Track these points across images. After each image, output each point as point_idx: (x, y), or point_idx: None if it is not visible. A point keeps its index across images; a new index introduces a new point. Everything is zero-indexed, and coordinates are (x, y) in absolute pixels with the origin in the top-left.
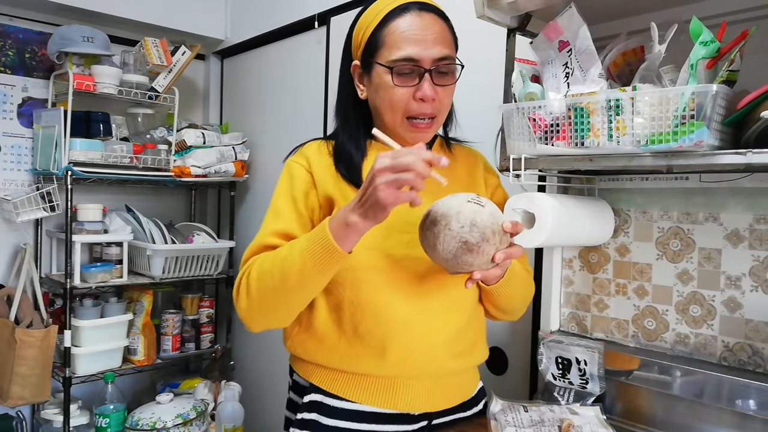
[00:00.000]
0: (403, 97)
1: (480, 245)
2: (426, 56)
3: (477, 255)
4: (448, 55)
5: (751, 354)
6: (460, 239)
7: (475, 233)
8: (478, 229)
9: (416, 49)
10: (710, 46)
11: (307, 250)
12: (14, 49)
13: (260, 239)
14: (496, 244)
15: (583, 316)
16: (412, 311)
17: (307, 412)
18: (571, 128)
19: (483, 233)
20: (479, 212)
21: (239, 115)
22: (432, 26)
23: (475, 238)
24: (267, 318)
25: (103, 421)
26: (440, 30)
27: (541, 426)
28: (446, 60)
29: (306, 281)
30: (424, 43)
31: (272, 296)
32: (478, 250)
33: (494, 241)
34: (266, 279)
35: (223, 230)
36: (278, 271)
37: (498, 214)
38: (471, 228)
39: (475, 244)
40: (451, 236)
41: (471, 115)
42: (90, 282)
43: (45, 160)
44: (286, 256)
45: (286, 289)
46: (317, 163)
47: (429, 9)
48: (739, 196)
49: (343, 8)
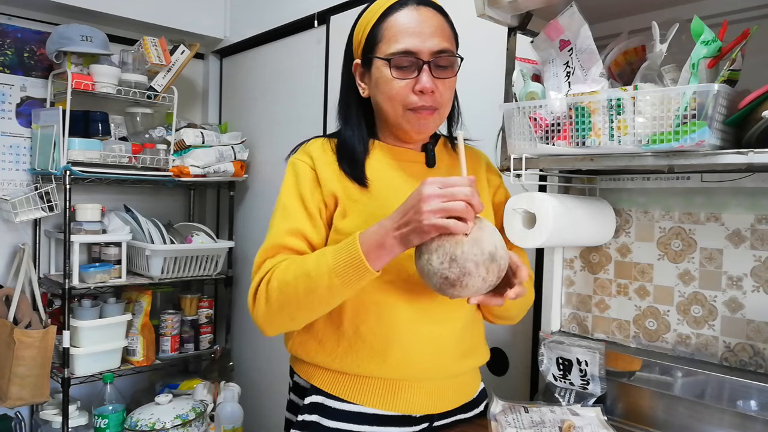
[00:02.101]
0: (402, 89)
1: (462, 279)
2: (424, 48)
3: (462, 288)
4: (446, 48)
5: (753, 354)
6: (441, 275)
7: (454, 269)
8: (457, 264)
9: (414, 41)
10: (712, 46)
11: (336, 268)
12: (13, 48)
13: (274, 239)
14: (483, 275)
15: (584, 316)
16: (414, 313)
17: (308, 414)
18: (572, 128)
19: (463, 267)
20: (459, 244)
21: (238, 115)
22: (430, 20)
23: (455, 274)
24: (285, 325)
25: (102, 422)
26: (438, 23)
27: (541, 427)
28: (444, 53)
29: (332, 296)
30: (422, 36)
31: (295, 308)
32: (461, 284)
33: (479, 272)
34: (288, 291)
35: (222, 230)
36: (303, 285)
37: (486, 241)
38: (450, 264)
39: (456, 280)
40: (432, 272)
41: (472, 115)
42: (88, 282)
43: (43, 160)
44: (312, 271)
45: (311, 303)
46: (321, 161)
47: (427, 4)
48: (740, 196)
49: (343, 7)
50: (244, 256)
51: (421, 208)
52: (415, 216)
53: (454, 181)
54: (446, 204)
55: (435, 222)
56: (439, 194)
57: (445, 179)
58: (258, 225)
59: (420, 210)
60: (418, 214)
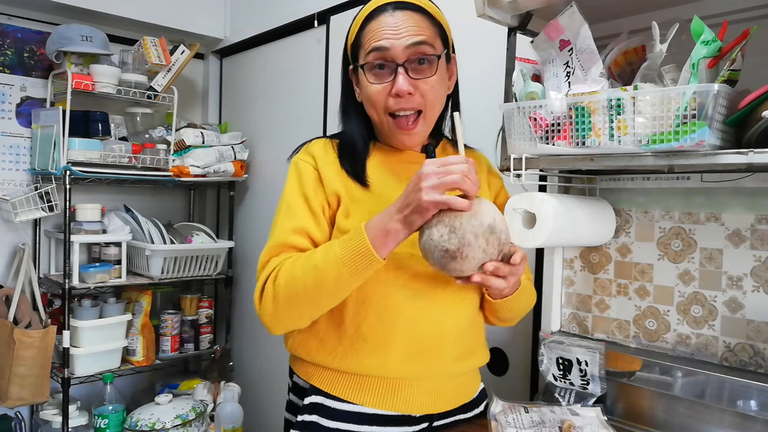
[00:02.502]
0: (379, 94)
1: (462, 250)
2: (397, 45)
3: (463, 260)
4: (420, 40)
5: (753, 354)
6: (441, 248)
7: (453, 240)
8: (456, 235)
9: (386, 41)
10: (712, 46)
11: (344, 258)
12: (13, 48)
13: (278, 238)
14: (483, 245)
15: (584, 316)
16: (415, 312)
17: (308, 414)
18: (572, 128)
19: (462, 238)
20: (458, 217)
21: (238, 115)
22: (405, 21)
23: (454, 245)
24: (293, 322)
25: (102, 422)
26: (414, 22)
27: (541, 427)
28: (421, 45)
29: (341, 288)
30: (394, 36)
31: (303, 302)
32: (462, 255)
33: (479, 242)
34: (296, 286)
35: (222, 230)
36: (311, 279)
37: (485, 214)
38: (450, 236)
39: (456, 251)
40: (433, 246)
41: (471, 115)
42: (88, 282)
43: (43, 160)
44: (320, 264)
45: (320, 296)
46: (323, 160)
47: (404, 6)
48: (740, 196)
49: (343, 7)
50: (244, 256)
51: (420, 186)
52: (416, 195)
53: (451, 160)
54: (443, 179)
55: (433, 198)
56: (436, 171)
57: (443, 159)
58: (258, 225)
59: (419, 188)
60: (417, 192)
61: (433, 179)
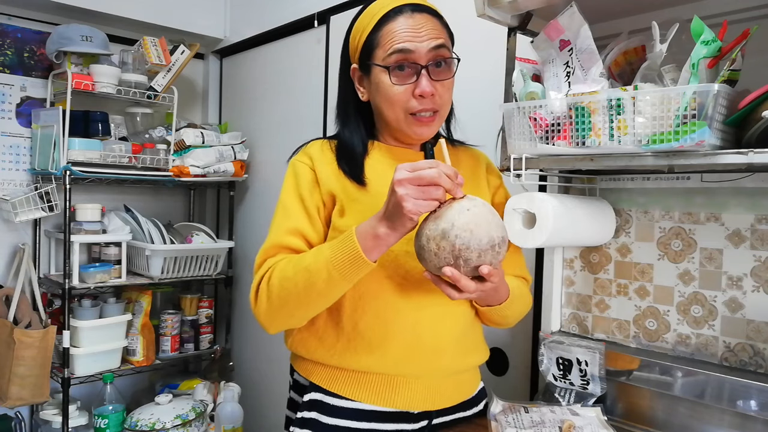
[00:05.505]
0: (402, 95)
1: (419, 252)
2: (420, 48)
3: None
4: (441, 44)
5: (753, 354)
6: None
7: (417, 241)
8: (418, 237)
9: (410, 44)
10: (711, 46)
11: (334, 260)
12: (13, 48)
13: (274, 239)
14: (434, 249)
15: (584, 316)
16: (413, 309)
17: (307, 411)
18: (572, 128)
19: (419, 240)
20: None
21: (238, 115)
22: (425, 24)
23: (416, 246)
24: (287, 322)
25: (102, 422)
26: (433, 26)
27: (541, 427)
28: (441, 48)
29: (331, 290)
30: (418, 38)
31: (295, 303)
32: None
33: (430, 246)
34: (289, 286)
35: (222, 230)
36: (302, 279)
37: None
38: (417, 237)
39: (417, 251)
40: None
41: (472, 115)
42: (88, 282)
43: (43, 160)
44: (311, 265)
45: (311, 297)
46: (320, 161)
47: (422, 9)
48: (740, 196)
49: (343, 7)
50: (244, 256)
51: (397, 193)
52: (393, 202)
53: (422, 164)
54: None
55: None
56: (407, 178)
57: (413, 164)
58: (258, 225)
59: (396, 195)
60: (395, 199)
61: (408, 187)
